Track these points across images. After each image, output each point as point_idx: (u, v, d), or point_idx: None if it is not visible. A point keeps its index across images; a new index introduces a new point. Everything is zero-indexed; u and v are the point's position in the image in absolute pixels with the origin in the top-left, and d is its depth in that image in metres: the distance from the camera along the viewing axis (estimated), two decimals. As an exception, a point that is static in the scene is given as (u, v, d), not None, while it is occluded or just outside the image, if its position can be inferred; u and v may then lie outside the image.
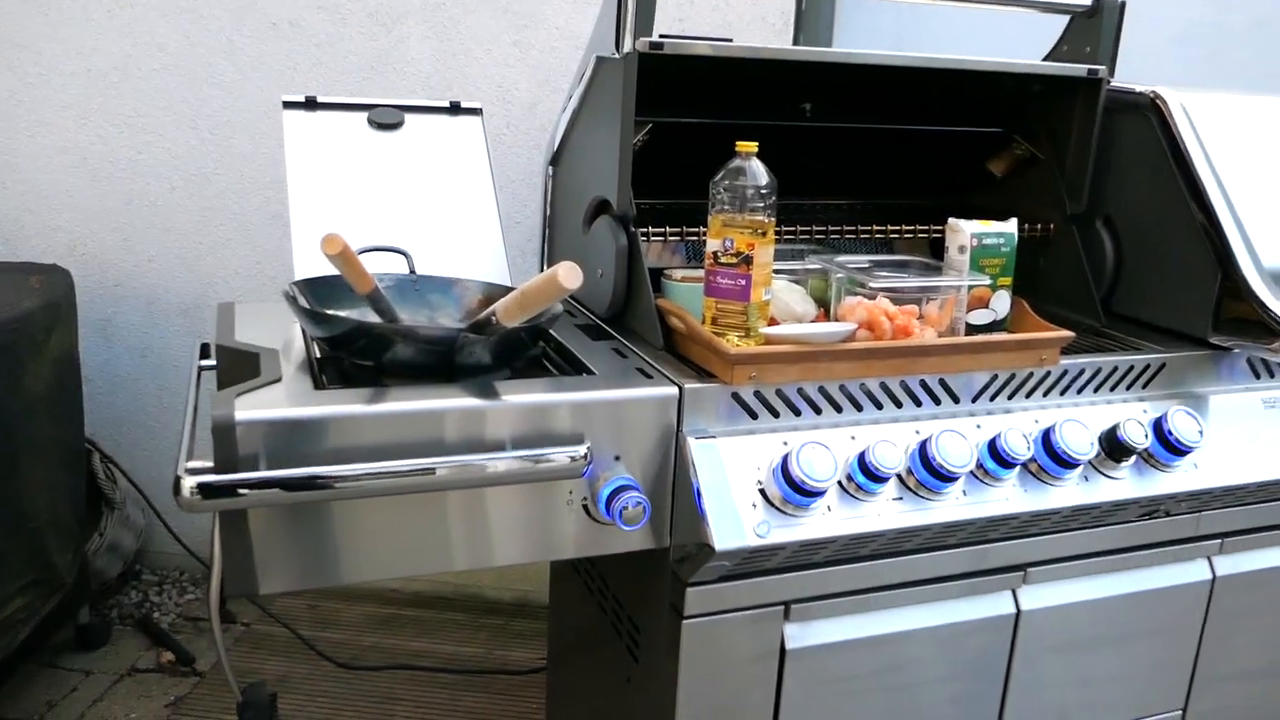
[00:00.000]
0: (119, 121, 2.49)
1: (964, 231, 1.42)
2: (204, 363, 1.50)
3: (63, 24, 2.41)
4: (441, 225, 1.71)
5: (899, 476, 1.33)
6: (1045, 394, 1.47)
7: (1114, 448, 1.42)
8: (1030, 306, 1.50)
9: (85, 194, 2.53)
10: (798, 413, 1.34)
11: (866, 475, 1.28)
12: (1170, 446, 1.44)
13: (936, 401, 1.41)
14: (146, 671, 2.37)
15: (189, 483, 1.06)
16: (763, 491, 1.26)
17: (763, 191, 1.32)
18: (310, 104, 1.74)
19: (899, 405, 1.39)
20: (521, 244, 2.42)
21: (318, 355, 1.39)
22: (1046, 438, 1.38)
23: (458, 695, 2.34)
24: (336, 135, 1.74)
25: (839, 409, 1.36)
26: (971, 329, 1.43)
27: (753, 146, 1.33)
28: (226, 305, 1.56)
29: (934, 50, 1.58)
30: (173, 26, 2.42)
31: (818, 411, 1.35)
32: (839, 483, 1.30)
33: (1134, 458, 1.44)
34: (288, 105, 1.73)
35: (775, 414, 1.33)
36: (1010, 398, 1.45)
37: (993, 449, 1.35)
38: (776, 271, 1.50)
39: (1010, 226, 1.46)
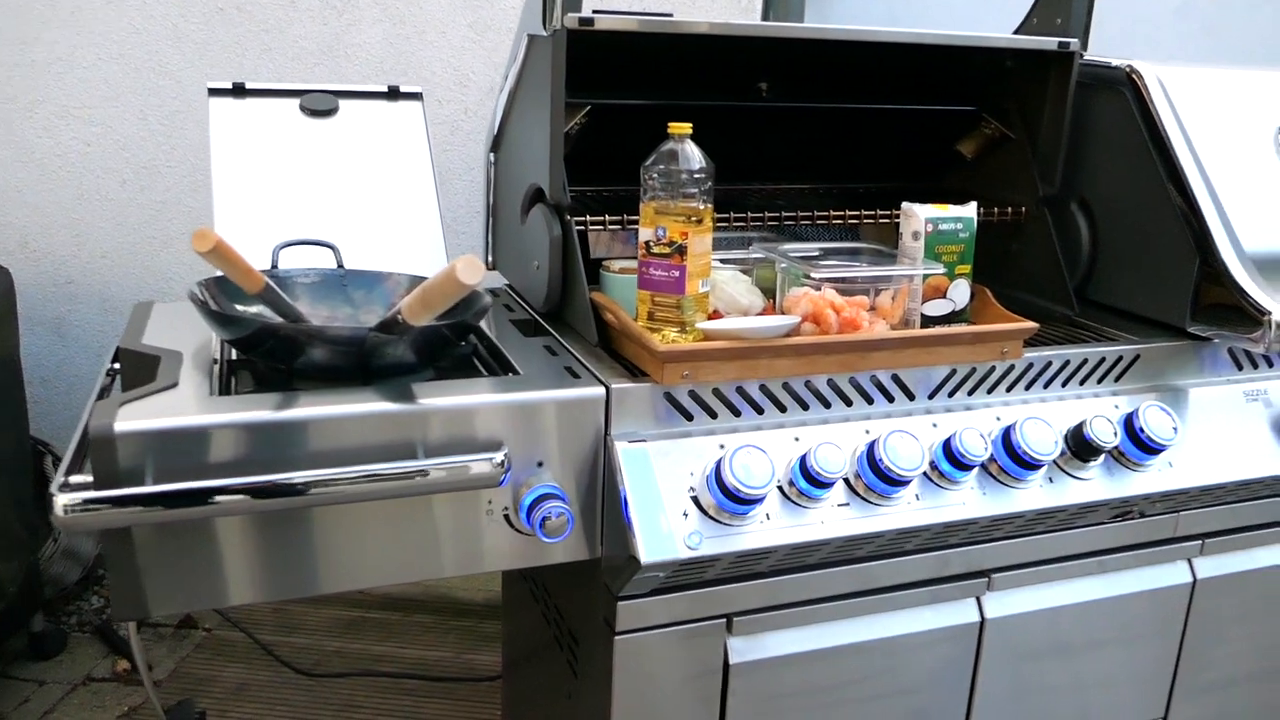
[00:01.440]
0: (66, 114, 2.41)
1: (918, 216, 1.33)
2: (116, 365, 1.42)
3: (1, 14, 2.33)
4: (377, 216, 1.63)
5: (846, 481, 1.24)
6: (1009, 389, 1.38)
7: (1081, 446, 1.33)
8: (999, 295, 1.41)
9: (34, 189, 2.45)
10: (737, 413, 1.25)
11: (808, 480, 1.19)
12: (1142, 444, 1.35)
13: (890, 399, 1.32)
14: (102, 680, 2.30)
15: (60, 500, 0.98)
16: (696, 499, 1.18)
17: (697, 176, 1.23)
18: (239, 91, 1.66)
19: (849, 404, 1.30)
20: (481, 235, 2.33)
21: (231, 358, 1.31)
22: (1007, 437, 1.29)
23: (420, 703, 2.26)
24: (267, 123, 1.65)
25: (782, 409, 1.27)
26: (927, 321, 1.34)
27: (686, 128, 1.24)
28: (143, 305, 1.47)
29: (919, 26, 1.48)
30: (118, 14, 2.33)
31: (759, 412, 1.26)
32: (780, 488, 1.21)
33: (1103, 457, 1.35)
34: (214, 93, 1.64)
35: (713, 415, 1.24)
36: (970, 394, 1.36)
37: (947, 450, 1.26)
38: (723, 261, 1.42)
39: (969, 211, 1.36)
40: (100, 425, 1.02)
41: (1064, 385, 1.40)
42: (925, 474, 1.27)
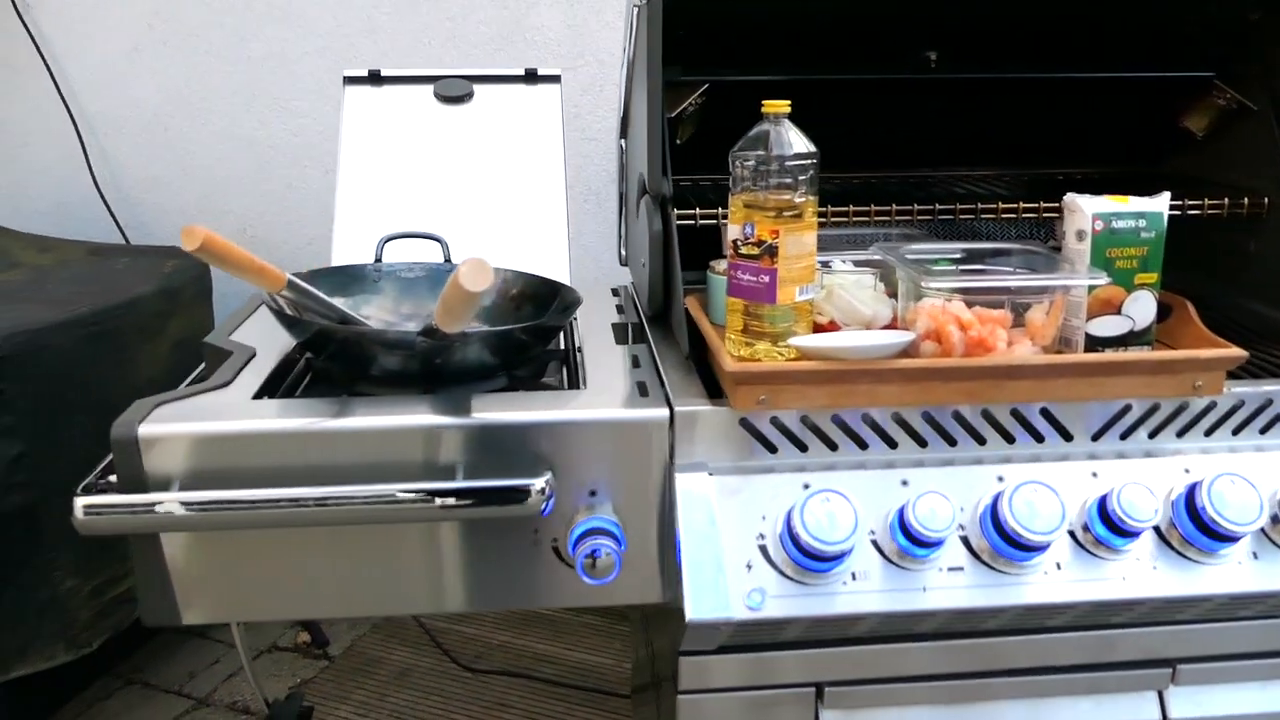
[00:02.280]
0: (277, 106, 2.51)
1: (1082, 211, 1.06)
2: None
3: (224, 11, 2.46)
4: (503, 208, 1.54)
5: (964, 539, 1.00)
6: (1208, 434, 1.08)
7: (1301, 516, 1.01)
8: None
9: (252, 178, 2.59)
10: (833, 447, 1.05)
11: (908, 537, 0.97)
12: (1395, 518, 1.01)
13: (1038, 439, 1.06)
14: (284, 650, 2.41)
15: (78, 503, 0.96)
16: (764, 549, 0.99)
17: (792, 163, 1.03)
18: (375, 78, 1.62)
19: (981, 442, 1.06)
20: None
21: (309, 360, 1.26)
22: (1191, 497, 1.00)
23: (571, 709, 2.18)
24: (400, 111, 1.60)
25: (892, 444, 1.05)
26: (1095, 343, 1.07)
27: (783, 105, 1.05)
28: (256, 296, 1.47)
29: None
30: (321, 9, 2.40)
31: (863, 447, 1.05)
32: (874, 542, 1.00)
33: (1335, 530, 1.03)
34: (349, 81, 1.62)
35: (801, 448, 1.05)
36: (1152, 437, 1.08)
37: (1102, 510, 0.99)
38: (856, 264, 1.21)
39: (1157, 204, 1.07)
40: (121, 429, 0.98)
41: (1263, 433, 1.08)
42: (1074, 536, 1.01)
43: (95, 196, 2.62)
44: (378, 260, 1.40)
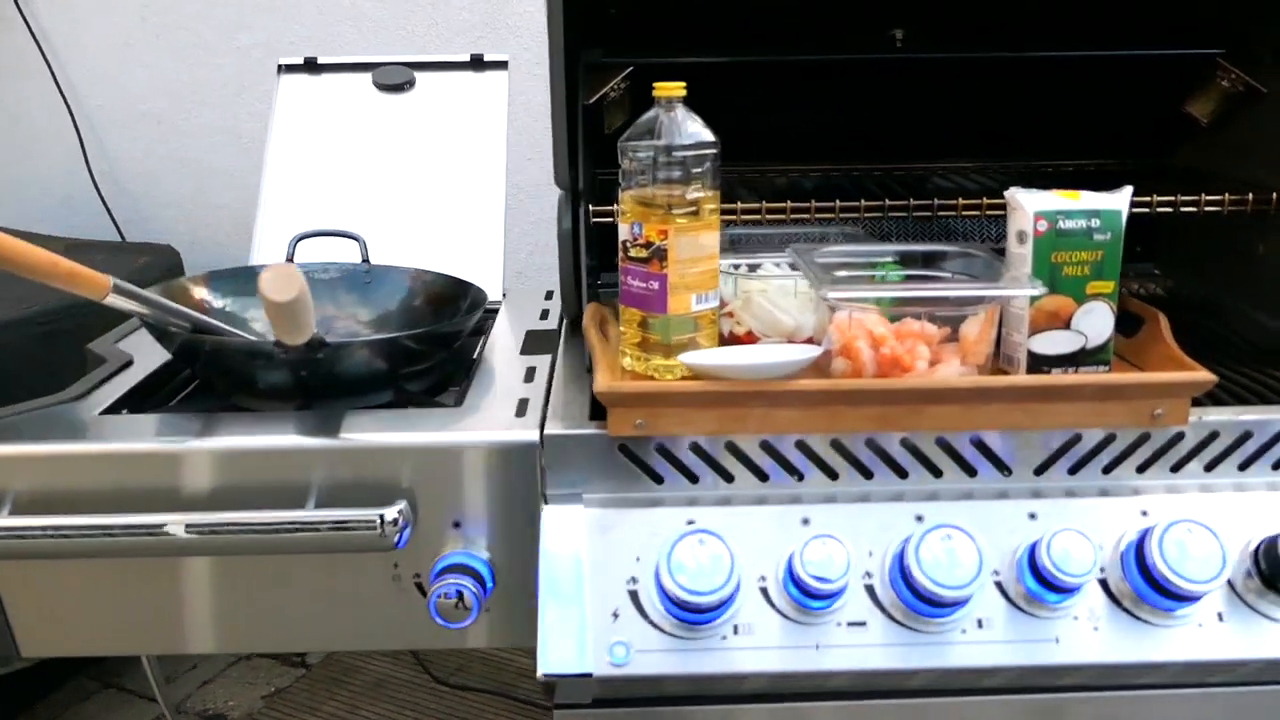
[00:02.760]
0: (268, 98, 2.45)
1: (1023, 209, 0.91)
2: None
3: (214, 2, 2.41)
4: (436, 202, 1.44)
5: (870, 590, 0.87)
6: (1175, 469, 0.92)
7: (1275, 569, 0.85)
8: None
9: (243, 170, 2.53)
10: (729, 478, 0.92)
11: (798, 587, 0.84)
12: (1392, 577, 0.85)
13: (970, 473, 0.92)
14: (262, 657, 2.35)
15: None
16: (634, 595, 0.87)
17: (681, 154, 0.91)
18: (311, 66, 1.53)
19: (902, 475, 0.92)
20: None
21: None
22: (1141, 548, 0.85)
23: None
24: (336, 101, 1.51)
25: (798, 476, 0.92)
26: (1039, 361, 0.92)
27: (677, 88, 0.92)
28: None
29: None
30: (308, -2, 2.33)
31: (763, 479, 0.92)
32: (763, 590, 0.87)
33: (1320, 589, 0.86)
34: (285, 69, 1.53)
35: (693, 479, 0.92)
36: (1107, 473, 0.92)
37: (1032, 562, 0.85)
38: (791, 267, 1.08)
39: (1113, 200, 0.91)
40: (-63, 445, 0.90)
41: (1255, 468, 0.91)
42: (1003, 589, 0.87)
43: (96, 192, 2.60)
44: (289, 260, 1.30)
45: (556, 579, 0.87)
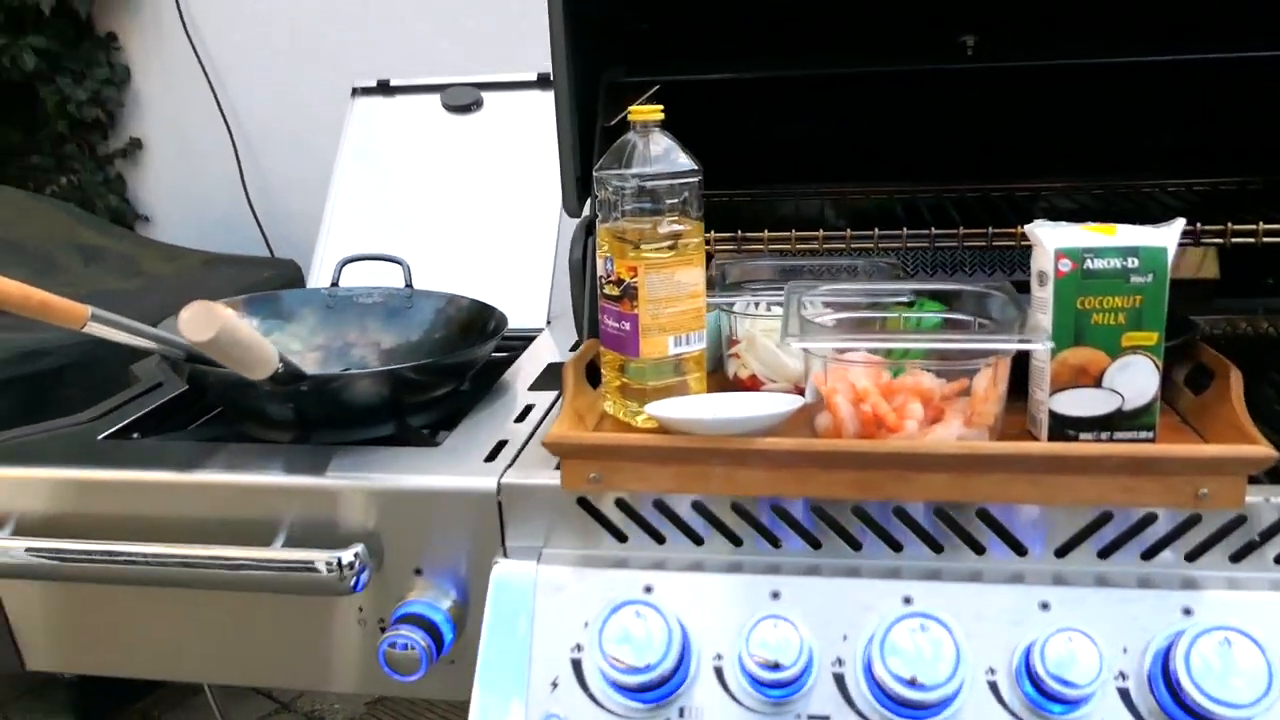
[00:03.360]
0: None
1: (1043, 247, 0.77)
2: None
3: (356, 28, 2.49)
4: (492, 223, 1.41)
5: (838, 680, 0.76)
6: (1235, 559, 0.77)
7: (1345, 700, 0.68)
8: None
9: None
10: (698, 541, 0.83)
11: (751, 678, 0.74)
12: None
13: (977, 550, 0.79)
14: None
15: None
16: (577, 664, 0.79)
17: (652, 184, 0.83)
18: (384, 88, 1.54)
19: (897, 549, 0.81)
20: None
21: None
22: (1167, 659, 0.70)
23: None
24: (407, 122, 1.51)
25: (775, 543, 0.82)
26: (1062, 424, 0.78)
27: (653, 113, 0.84)
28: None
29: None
30: (420, 15, 2.37)
31: (736, 544, 0.83)
32: (718, 672, 0.78)
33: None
34: (359, 92, 1.54)
35: (659, 540, 0.84)
36: (1148, 558, 0.78)
37: (1028, 665, 0.72)
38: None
39: (1158, 236, 0.76)
40: (-49, 464, 0.94)
41: (1329, 570, 0.74)
42: (997, 692, 0.74)
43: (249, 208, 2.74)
44: (334, 284, 1.30)
45: (499, 639, 0.81)
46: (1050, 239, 0.76)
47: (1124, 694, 0.73)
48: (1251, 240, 0.99)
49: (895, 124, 1.19)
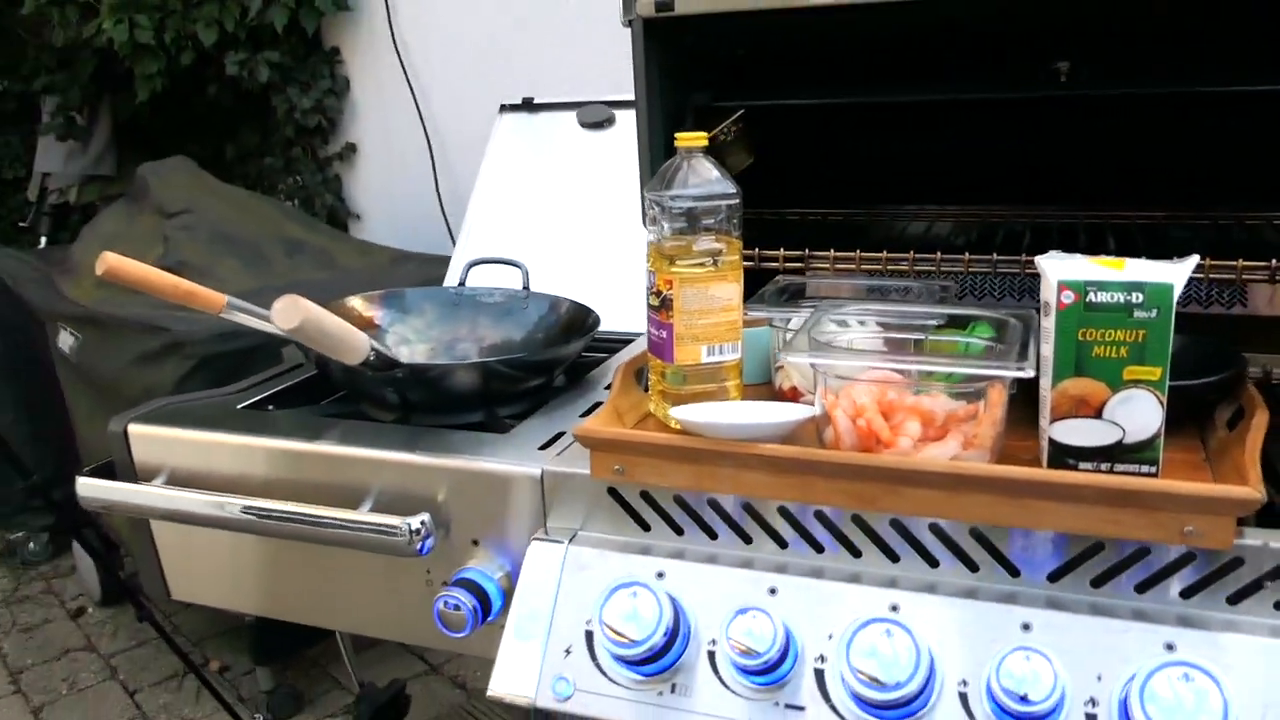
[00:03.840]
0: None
1: (1047, 279, 0.79)
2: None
3: (546, 45, 2.66)
4: (607, 235, 1.52)
5: (819, 675, 0.81)
6: (1234, 601, 0.76)
7: (1312, 750, 0.67)
8: None
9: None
10: (713, 535, 0.90)
11: (739, 663, 0.81)
12: None
13: (971, 568, 0.82)
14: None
15: (79, 481, 1.13)
16: (590, 635, 0.88)
17: (686, 206, 0.91)
18: (528, 105, 1.68)
19: (894, 559, 0.85)
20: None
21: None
22: (1126, 700, 0.71)
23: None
24: (546, 138, 1.64)
25: (782, 544, 0.88)
26: (1062, 453, 0.80)
27: (698, 139, 0.92)
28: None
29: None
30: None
31: (747, 541, 0.89)
32: (710, 656, 0.84)
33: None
34: (505, 109, 1.68)
35: (678, 531, 0.91)
36: (1142, 591, 0.78)
37: (992, 689, 0.74)
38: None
39: (1166, 271, 0.77)
40: (117, 422, 1.14)
41: (1318, 618, 0.72)
42: (966, 704, 0.77)
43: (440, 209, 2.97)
44: (461, 284, 1.45)
45: (528, 610, 0.91)
46: (1054, 270, 0.78)
47: (1092, 720, 0.74)
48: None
49: (985, 149, 1.21)
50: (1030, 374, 0.78)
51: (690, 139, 0.92)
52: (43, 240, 3.80)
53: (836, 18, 1.05)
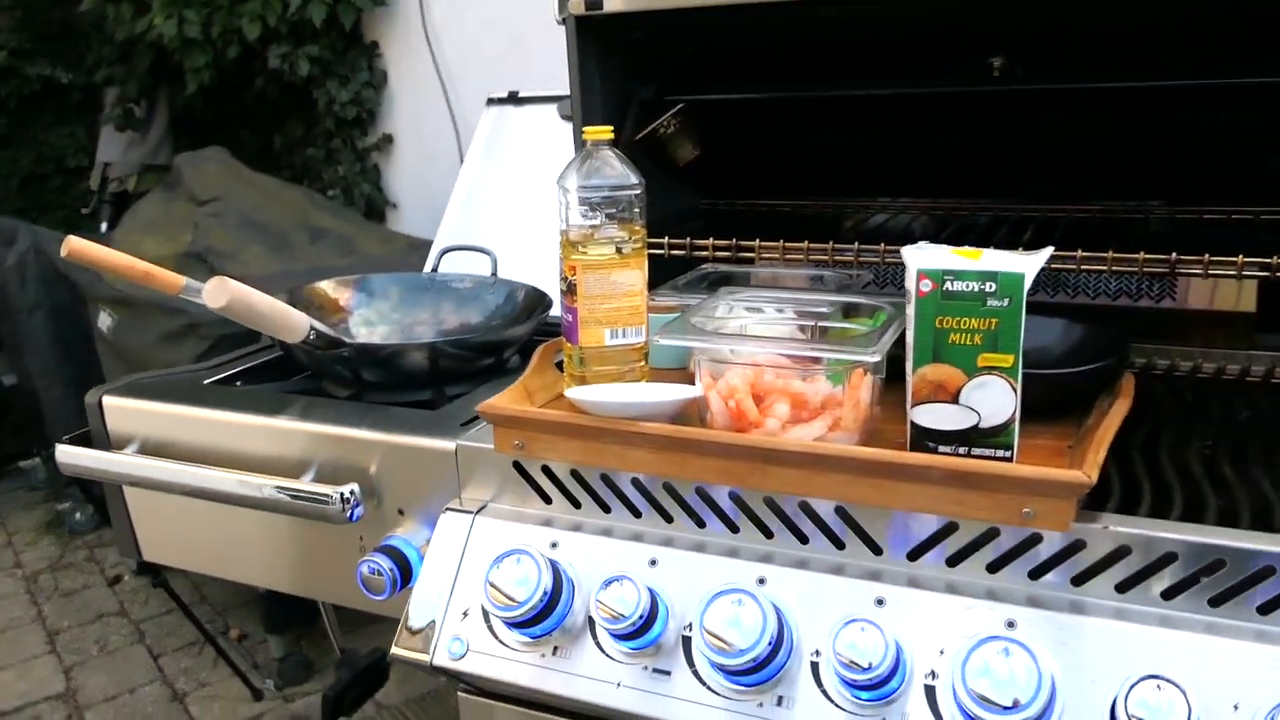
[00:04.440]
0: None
1: (909, 268, 0.82)
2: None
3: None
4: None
5: (685, 641, 0.85)
6: (1078, 582, 0.78)
7: (1120, 727, 0.70)
8: None
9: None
10: (606, 510, 0.95)
11: (612, 629, 0.86)
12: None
13: (838, 545, 0.86)
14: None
15: (58, 448, 1.22)
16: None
17: (588, 196, 0.95)
18: (514, 99, 1.73)
19: (768, 535, 0.88)
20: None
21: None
22: (964, 668, 0.74)
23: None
24: (529, 129, 1.70)
25: (668, 518, 0.92)
26: (923, 435, 0.83)
27: (603, 132, 0.96)
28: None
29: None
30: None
31: (636, 515, 0.94)
32: (590, 621, 0.89)
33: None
34: (492, 102, 1.74)
35: (575, 504, 0.96)
36: (993, 571, 0.81)
37: (837, 659, 0.78)
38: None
39: (1019, 262, 0.79)
40: (93, 393, 1.23)
41: (1167, 598, 0.74)
42: (816, 674, 0.80)
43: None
44: (434, 270, 1.51)
45: (434, 572, 0.97)
46: (914, 260, 0.81)
47: (929, 691, 0.77)
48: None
49: (927, 143, 1.23)
50: (875, 359, 0.81)
51: (597, 133, 0.96)
52: (103, 226, 3.98)
53: (777, 15, 1.08)
